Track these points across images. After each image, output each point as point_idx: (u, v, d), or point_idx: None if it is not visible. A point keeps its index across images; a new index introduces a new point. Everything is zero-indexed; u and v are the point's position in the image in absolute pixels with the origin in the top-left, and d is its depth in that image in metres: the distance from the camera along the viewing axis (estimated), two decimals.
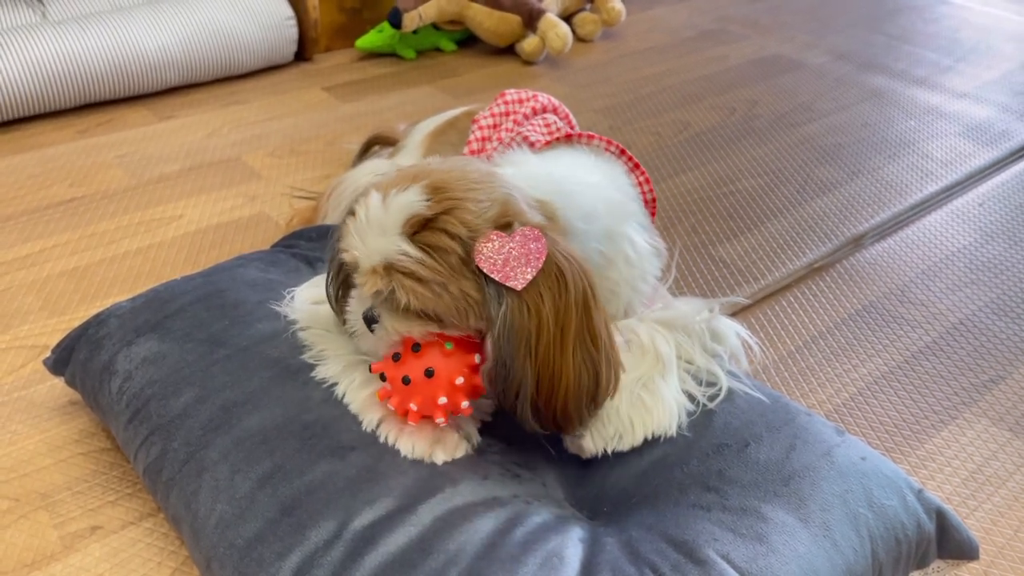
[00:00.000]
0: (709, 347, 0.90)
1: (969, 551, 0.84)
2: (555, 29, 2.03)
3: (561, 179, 0.87)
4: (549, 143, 1.00)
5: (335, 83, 1.94)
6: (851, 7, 2.55)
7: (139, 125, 1.71)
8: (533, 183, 0.83)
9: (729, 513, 0.76)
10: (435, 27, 2.11)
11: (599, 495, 0.83)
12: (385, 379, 0.79)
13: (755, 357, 0.94)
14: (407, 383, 0.77)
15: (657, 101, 1.92)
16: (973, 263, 1.40)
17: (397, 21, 1.96)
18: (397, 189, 0.75)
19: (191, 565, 0.85)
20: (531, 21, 2.05)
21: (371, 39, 2.04)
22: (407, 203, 0.74)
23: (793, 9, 2.53)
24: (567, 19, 2.22)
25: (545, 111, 1.12)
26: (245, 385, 0.86)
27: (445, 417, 0.78)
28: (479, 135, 1.12)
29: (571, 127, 1.12)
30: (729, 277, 1.33)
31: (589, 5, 2.27)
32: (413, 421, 0.79)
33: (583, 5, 2.26)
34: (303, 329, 0.92)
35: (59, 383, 1.05)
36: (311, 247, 1.12)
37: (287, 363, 0.89)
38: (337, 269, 0.85)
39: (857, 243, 1.44)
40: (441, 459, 0.79)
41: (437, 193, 0.75)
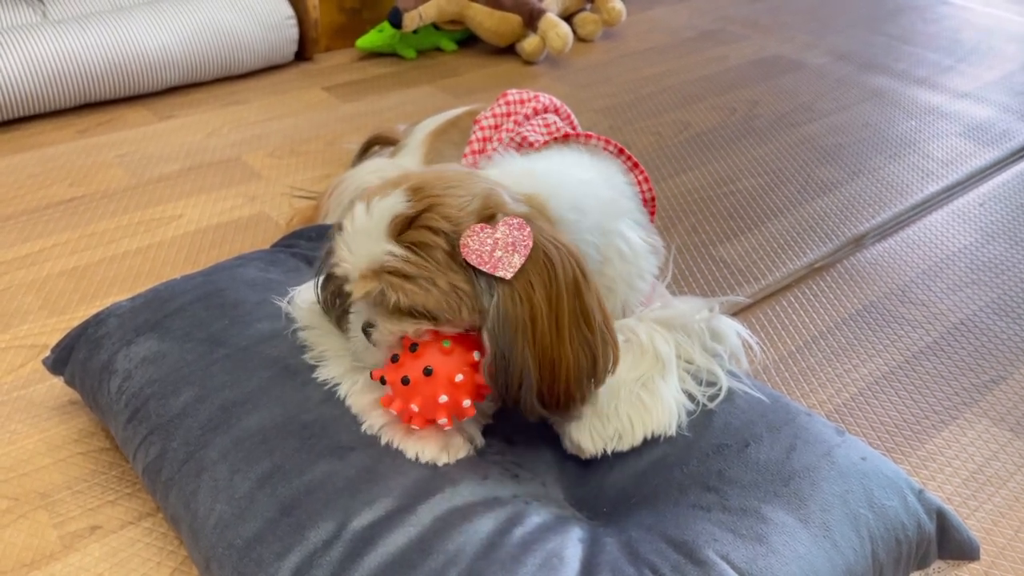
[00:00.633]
0: (709, 346, 0.90)
1: (970, 552, 0.84)
2: (555, 29, 2.03)
3: (547, 174, 0.88)
4: (547, 143, 1.00)
5: (335, 83, 1.94)
6: (852, 7, 2.55)
7: (139, 125, 1.71)
8: (517, 180, 0.84)
9: (729, 513, 0.76)
10: (435, 27, 2.11)
11: (598, 495, 0.83)
12: (386, 383, 0.79)
13: (755, 357, 0.94)
14: (406, 383, 0.77)
15: (657, 101, 1.92)
16: (974, 263, 1.39)
17: (397, 21, 1.96)
18: (380, 196, 0.77)
19: (190, 565, 0.85)
20: (531, 21, 2.05)
21: (371, 39, 2.04)
22: (390, 206, 0.75)
23: (793, 9, 2.53)
24: (567, 19, 2.22)
25: (547, 111, 1.12)
26: (244, 385, 0.86)
27: (448, 418, 0.78)
28: (480, 135, 1.12)
29: (573, 127, 1.12)
30: (729, 277, 1.33)
31: (589, 5, 2.27)
32: (418, 425, 0.79)
33: (583, 5, 2.26)
34: (303, 329, 0.92)
35: (58, 382, 1.05)
36: (311, 247, 1.12)
37: (287, 363, 0.89)
38: (331, 284, 0.86)
39: (858, 243, 1.44)
40: (444, 461, 0.79)
41: (418, 193, 0.76)
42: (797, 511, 0.76)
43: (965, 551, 0.84)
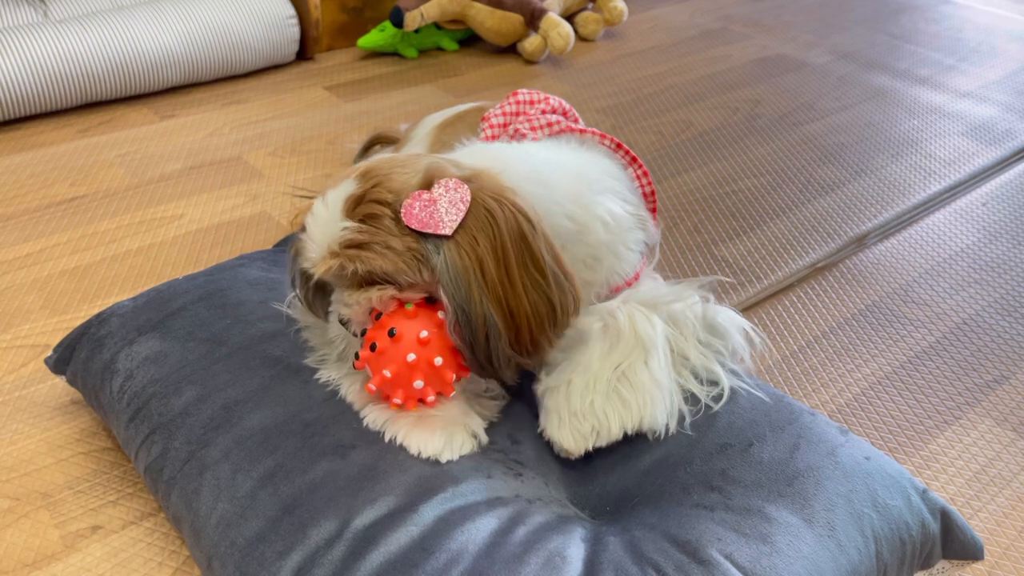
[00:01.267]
0: (704, 339, 0.89)
1: (974, 551, 0.84)
2: (557, 28, 2.03)
3: (505, 152, 0.90)
4: (537, 137, 1.01)
5: (337, 82, 1.93)
6: (854, 7, 2.55)
7: (140, 124, 1.70)
8: (473, 158, 0.86)
9: (733, 513, 0.75)
10: (437, 26, 2.11)
11: (601, 494, 0.83)
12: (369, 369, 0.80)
13: (757, 350, 0.93)
14: (375, 351, 0.78)
15: (659, 101, 1.91)
16: (976, 263, 1.39)
17: (399, 20, 1.96)
18: (333, 187, 0.80)
19: (192, 564, 0.85)
20: (533, 20, 2.05)
21: (373, 38, 2.04)
22: (342, 192, 0.79)
23: (796, 9, 2.53)
24: (569, 18, 2.21)
25: (555, 113, 1.12)
26: (246, 384, 0.86)
27: (429, 386, 0.78)
28: (489, 133, 1.11)
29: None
30: (731, 277, 1.33)
31: (591, 4, 2.26)
32: (408, 406, 0.80)
33: (585, 4, 2.26)
34: (304, 329, 0.92)
35: (60, 382, 1.05)
36: None
37: (288, 362, 0.89)
38: (305, 282, 0.88)
39: (860, 243, 1.44)
40: (447, 458, 0.79)
41: (366, 175, 0.80)
42: (801, 511, 0.76)
43: (969, 551, 0.84)
